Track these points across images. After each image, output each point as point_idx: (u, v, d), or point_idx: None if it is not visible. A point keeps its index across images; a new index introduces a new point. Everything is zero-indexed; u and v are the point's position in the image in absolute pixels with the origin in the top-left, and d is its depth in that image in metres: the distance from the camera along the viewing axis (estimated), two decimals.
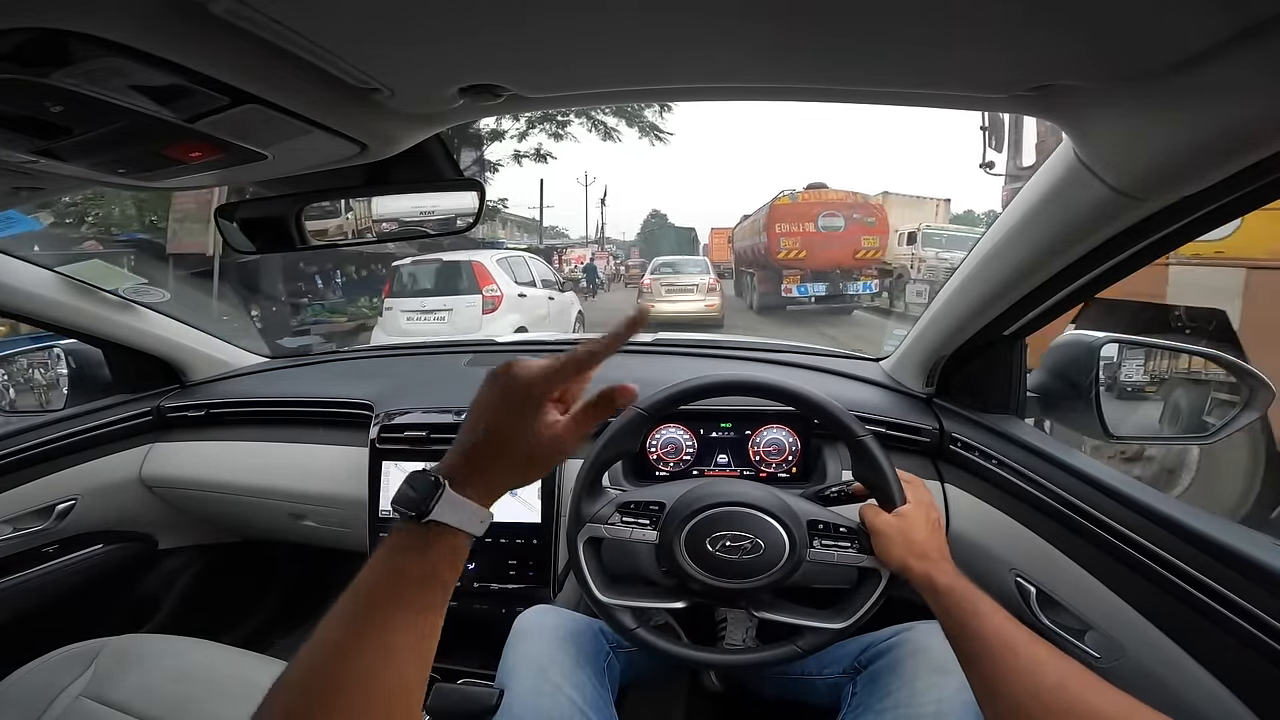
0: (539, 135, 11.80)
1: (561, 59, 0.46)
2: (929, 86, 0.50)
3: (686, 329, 8.20)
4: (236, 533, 1.50)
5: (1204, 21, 0.36)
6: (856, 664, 0.81)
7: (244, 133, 0.50)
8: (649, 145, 11.74)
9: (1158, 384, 1.58)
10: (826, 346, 1.49)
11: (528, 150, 12.02)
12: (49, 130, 0.45)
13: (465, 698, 0.81)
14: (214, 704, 0.87)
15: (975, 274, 0.82)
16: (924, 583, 0.63)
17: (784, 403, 0.80)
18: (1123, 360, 0.95)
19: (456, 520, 0.44)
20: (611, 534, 0.76)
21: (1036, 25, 0.38)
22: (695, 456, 1.07)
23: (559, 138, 11.90)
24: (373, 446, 1.08)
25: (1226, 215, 0.57)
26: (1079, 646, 0.75)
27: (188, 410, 1.31)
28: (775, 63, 0.47)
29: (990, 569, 0.89)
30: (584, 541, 0.77)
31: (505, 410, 0.46)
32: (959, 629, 0.58)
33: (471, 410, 0.47)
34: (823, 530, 0.73)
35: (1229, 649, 0.56)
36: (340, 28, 0.40)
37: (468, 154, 9.43)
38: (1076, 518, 0.74)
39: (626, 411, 0.79)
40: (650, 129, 11.57)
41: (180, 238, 7.69)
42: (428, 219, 0.77)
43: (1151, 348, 1.15)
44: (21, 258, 1.07)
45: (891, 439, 0.99)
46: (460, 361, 1.35)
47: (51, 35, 0.34)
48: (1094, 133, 0.52)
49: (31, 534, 1.15)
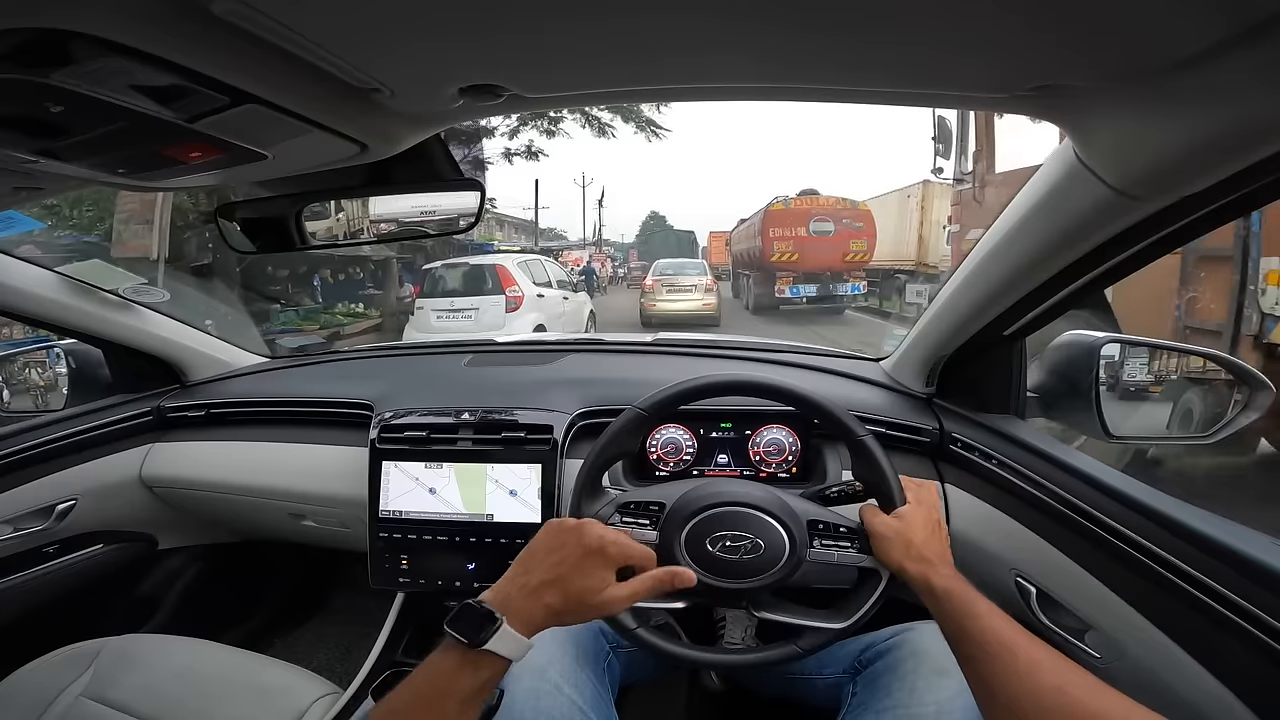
0: (530, 132, 11.22)
1: (562, 59, 0.46)
2: (929, 86, 0.50)
3: (686, 327, 8.52)
4: (236, 533, 1.50)
5: (1204, 21, 0.36)
6: (857, 664, 0.81)
7: (244, 133, 0.50)
8: (645, 141, 11.31)
9: (1160, 384, 1.59)
10: (827, 346, 1.49)
11: (519, 148, 11.43)
12: (49, 130, 0.45)
13: None
14: (214, 704, 0.87)
15: (975, 274, 0.82)
16: (921, 585, 0.63)
17: (784, 403, 0.80)
18: (1125, 360, 0.95)
19: (505, 650, 0.50)
20: None
21: (1036, 25, 0.38)
22: (695, 456, 1.07)
23: (551, 134, 11.26)
24: (373, 446, 1.08)
25: (1226, 215, 0.57)
26: (1079, 646, 0.75)
27: (188, 410, 1.31)
28: (775, 63, 0.47)
29: (990, 569, 0.89)
30: None
31: (577, 570, 0.54)
32: (958, 631, 0.58)
33: (535, 555, 0.56)
34: (823, 530, 0.73)
35: (1229, 649, 0.56)
36: (341, 28, 0.40)
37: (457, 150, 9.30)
38: (1076, 518, 0.74)
39: (626, 412, 0.79)
40: (647, 124, 11.02)
41: (124, 240, 7.34)
42: (428, 219, 0.77)
43: (1151, 348, 1.15)
44: (21, 258, 1.07)
45: (891, 439, 0.99)
46: (460, 361, 1.35)
47: (51, 35, 0.34)
48: (1094, 133, 0.52)
49: (31, 534, 1.15)
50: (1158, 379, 1.27)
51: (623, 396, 0.93)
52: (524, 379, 1.20)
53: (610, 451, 0.79)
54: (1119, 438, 0.89)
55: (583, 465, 0.79)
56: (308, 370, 1.46)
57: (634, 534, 0.75)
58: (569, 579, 0.54)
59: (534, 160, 11.36)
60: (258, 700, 0.88)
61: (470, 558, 1.04)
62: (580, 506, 0.78)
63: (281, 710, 0.86)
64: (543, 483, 1.03)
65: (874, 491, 0.74)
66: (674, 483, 0.79)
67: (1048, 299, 0.79)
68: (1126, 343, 0.93)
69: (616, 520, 0.76)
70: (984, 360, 0.96)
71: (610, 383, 1.16)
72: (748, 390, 0.79)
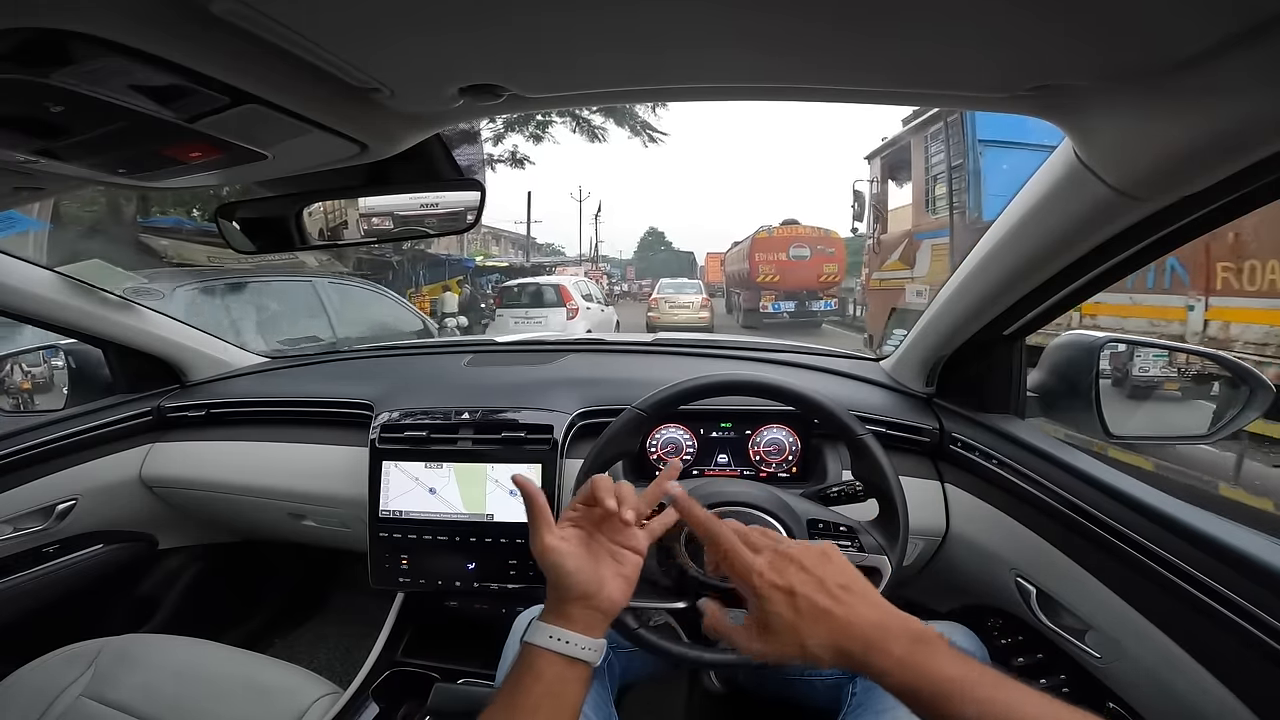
0: (516, 137, 10.94)
1: (562, 59, 0.46)
2: (929, 86, 0.50)
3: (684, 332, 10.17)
4: (236, 533, 1.50)
5: (1204, 21, 0.36)
6: None
7: (244, 133, 0.50)
8: (642, 147, 11.18)
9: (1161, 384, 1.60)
10: (827, 346, 1.49)
11: (503, 154, 11.16)
12: (49, 130, 0.45)
13: (465, 697, 0.81)
14: (214, 704, 0.87)
15: (975, 274, 0.82)
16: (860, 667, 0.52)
17: (784, 402, 0.80)
18: (1134, 355, 0.95)
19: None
20: None
21: (1036, 25, 0.38)
22: (695, 456, 1.07)
23: (539, 139, 10.89)
24: (373, 446, 1.08)
25: (1226, 215, 0.57)
26: (1079, 646, 0.75)
27: (188, 410, 1.31)
28: (775, 63, 0.47)
29: (990, 569, 0.89)
30: None
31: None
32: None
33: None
34: (823, 529, 0.73)
35: (1229, 649, 0.56)
36: (340, 27, 0.40)
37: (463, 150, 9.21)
38: (1076, 518, 0.74)
39: (625, 412, 0.79)
40: (643, 127, 10.80)
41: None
42: (429, 218, 0.76)
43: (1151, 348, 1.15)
44: (22, 258, 1.07)
45: (892, 439, 0.99)
46: (460, 361, 1.35)
47: (51, 35, 0.34)
48: (1094, 133, 0.52)
49: (31, 534, 1.15)
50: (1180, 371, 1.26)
51: (623, 396, 0.93)
52: (524, 379, 1.20)
53: (610, 451, 0.79)
54: (1119, 437, 0.89)
55: (582, 465, 0.79)
56: (308, 370, 1.46)
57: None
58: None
59: (519, 168, 11.18)
60: (258, 700, 0.88)
61: (470, 557, 1.04)
62: None
63: (281, 710, 0.86)
64: (543, 483, 1.02)
65: (873, 490, 0.74)
66: (674, 482, 0.79)
67: (1048, 299, 0.79)
68: (1126, 342, 0.93)
69: None
70: (984, 360, 0.96)
71: (610, 383, 1.16)
72: (747, 390, 0.79)
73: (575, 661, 0.52)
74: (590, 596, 0.54)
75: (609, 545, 0.57)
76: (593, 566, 0.55)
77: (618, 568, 0.56)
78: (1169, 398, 1.60)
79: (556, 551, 0.54)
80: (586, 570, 0.55)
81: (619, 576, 0.56)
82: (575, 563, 0.54)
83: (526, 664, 0.52)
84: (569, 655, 0.51)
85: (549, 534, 0.55)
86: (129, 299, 1.25)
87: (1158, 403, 1.29)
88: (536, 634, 0.53)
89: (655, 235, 54.49)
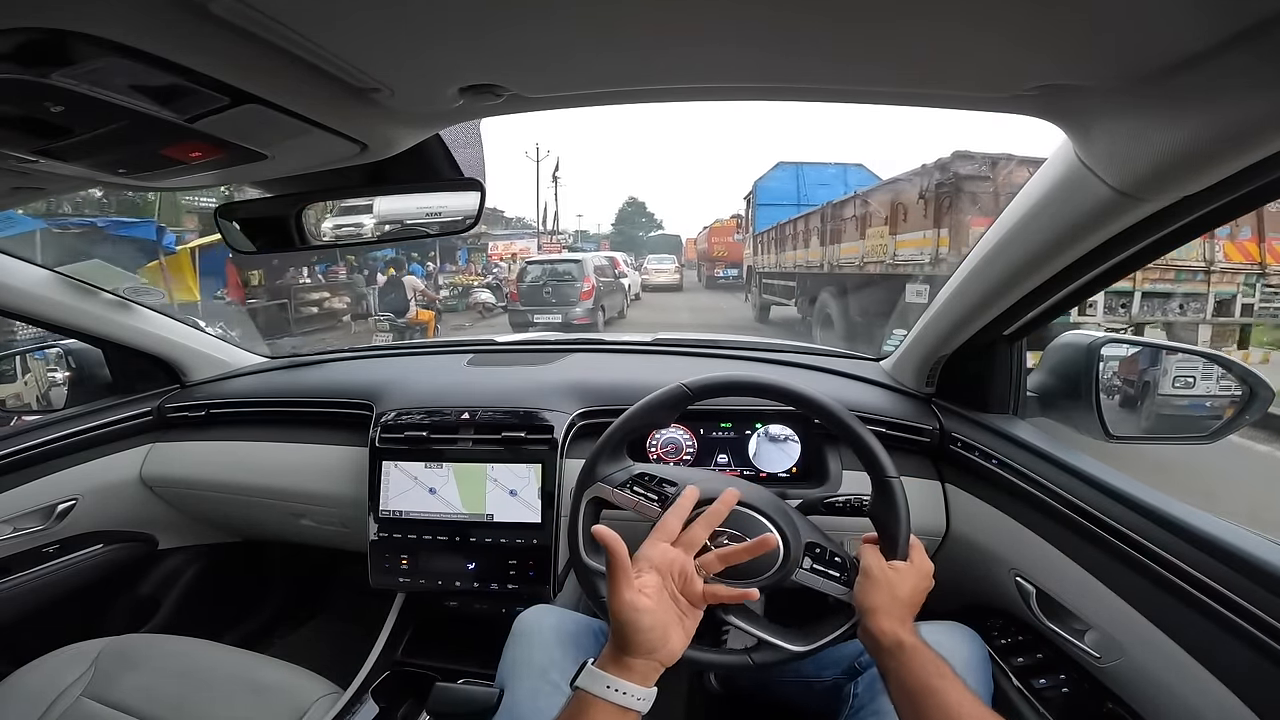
0: None
1: (562, 59, 0.46)
2: (929, 87, 0.50)
3: (663, 291, 18.78)
4: (236, 533, 1.50)
5: (1204, 21, 0.36)
6: (856, 666, 0.81)
7: (244, 133, 0.50)
8: (621, 118, 10.91)
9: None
10: (826, 346, 1.49)
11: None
12: (49, 130, 0.45)
13: (465, 698, 0.81)
14: (214, 704, 0.87)
15: (975, 274, 0.82)
16: (889, 638, 0.62)
17: (829, 426, 0.77)
18: (1159, 361, 0.96)
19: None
20: (616, 499, 0.75)
21: (1037, 25, 0.38)
22: (695, 456, 1.07)
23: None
24: (373, 446, 1.08)
25: (1226, 215, 0.57)
26: (1079, 646, 0.75)
27: (188, 410, 1.31)
28: (776, 63, 0.47)
29: (990, 569, 0.89)
30: (588, 500, 0.76)
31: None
32: (920, 687, 0.58)
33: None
34: (818, 554, 0.72)
35: (1229, 649, 0.56)
36: (340, 27, 0.40)
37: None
38: (1076, 518, 0.74)
39: (671, 386, 0.78)
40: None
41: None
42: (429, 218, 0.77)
43: (1151, 347, 1.15)
44: (22, 258, 1.07)
45: (892, 439, 0.98)
46: (461, 361, 1.35)
47: (51, 35, 0.34)
48: (1094, 133, 0.52)
49: (31, 534, 1.15)
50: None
51: (623, 396, 0.93)
52: (524, 379, 1.20)
53: (643, 420, 0.79)
54: (1119, 438, 0.89)
55: (612, 426, 0.79)
56: (307, 370, 1.46)
57: (639, 507, 0.74)
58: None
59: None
60: (258, 700, 0.88)
61: (470, 557, 1.04)
62: (597, 464, 0.77)
63: (281, 710, 0.86)
64: (542, 482, 1.03)
65: (884, 533, 0.71)
66: (691, 469, 0.78)
67: (1048, 299, 0.79)
68: (1126, 343, 0.93)
69: (627, 490, 0.75)
70: (984, 360, 0.96)
71: (611, 383, 1.15)
72: (799, 402, 0.77)
73: (627, 711, 0.52)
74: (655, 651, 0.54)
75: (680, 598, 0.58)
76: (664, 622, 0.55)
77: (683, 620, 0.58)
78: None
79: (635, 608, 0.54)
80: (659, 627, 0.55)
81: (683, 630, 0.57)
82: (651, 619, 0.54)
83: (580, 710, 0.52)
84: (622, 705, 0.52)
85: (628, 590, 0.55)
86: (128, 299, 1.25)
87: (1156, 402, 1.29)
88: (593, 682, 0.53)
89: (635, 206, 49.29)
